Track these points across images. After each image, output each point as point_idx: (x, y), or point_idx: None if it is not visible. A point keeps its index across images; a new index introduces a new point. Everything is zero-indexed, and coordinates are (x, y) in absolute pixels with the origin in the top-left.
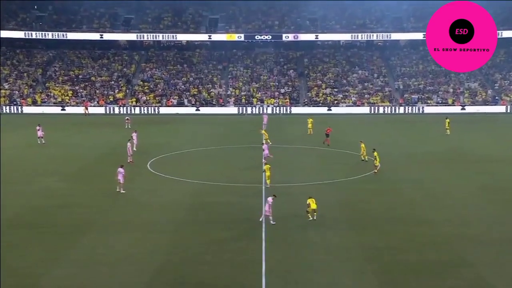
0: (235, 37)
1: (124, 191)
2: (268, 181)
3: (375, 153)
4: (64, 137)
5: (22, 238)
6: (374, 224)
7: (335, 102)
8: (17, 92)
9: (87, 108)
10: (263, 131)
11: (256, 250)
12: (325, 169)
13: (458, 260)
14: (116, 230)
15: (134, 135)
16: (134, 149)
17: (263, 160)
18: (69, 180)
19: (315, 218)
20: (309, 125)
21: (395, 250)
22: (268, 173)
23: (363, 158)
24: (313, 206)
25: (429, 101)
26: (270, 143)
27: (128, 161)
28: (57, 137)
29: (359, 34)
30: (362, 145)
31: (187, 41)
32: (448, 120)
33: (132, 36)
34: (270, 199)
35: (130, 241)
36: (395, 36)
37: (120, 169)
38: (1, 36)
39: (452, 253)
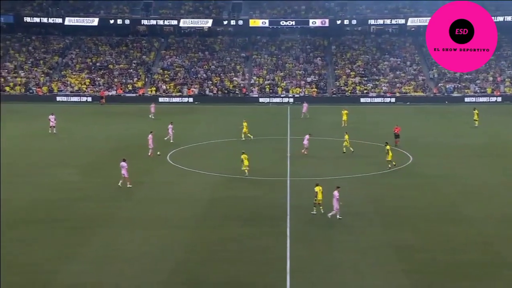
0: (259, 23)
1: (130, 185)
2: (245, 170)
3: (388, 147)
4: (79, 127)
5: (34, 233)
6: (406, 222)
7: (365, 91)
8: (33, 80)
9: (102, 97)
10: (244, 123)
11: (280, 248)
12: (354, 163)
13: (498, 260)
14: (132, 225)
15: (170, 127)
16: (172, 141)
17: (304, 151)
18: (83, 173)
19: (322, 211)
20: (344, 117)
21: (429, 250)
22: (246, 162)
23: (344, 150)
24: (320, 196)
25: (466, 91)
26: (252, 137)
27: (149, 154)
28: (72, 127)
29: (391, 19)
30: (346, 136)
31: (209, 27)
32: (476, 111)
33: (151, 22)
34: (336, 193)
35: (146, 237)
36: None
37: (123, 163)
38: (17, 22)
39: (492, 253)
